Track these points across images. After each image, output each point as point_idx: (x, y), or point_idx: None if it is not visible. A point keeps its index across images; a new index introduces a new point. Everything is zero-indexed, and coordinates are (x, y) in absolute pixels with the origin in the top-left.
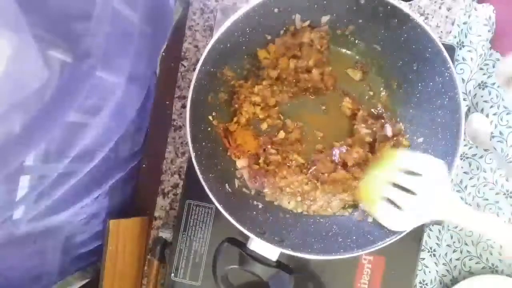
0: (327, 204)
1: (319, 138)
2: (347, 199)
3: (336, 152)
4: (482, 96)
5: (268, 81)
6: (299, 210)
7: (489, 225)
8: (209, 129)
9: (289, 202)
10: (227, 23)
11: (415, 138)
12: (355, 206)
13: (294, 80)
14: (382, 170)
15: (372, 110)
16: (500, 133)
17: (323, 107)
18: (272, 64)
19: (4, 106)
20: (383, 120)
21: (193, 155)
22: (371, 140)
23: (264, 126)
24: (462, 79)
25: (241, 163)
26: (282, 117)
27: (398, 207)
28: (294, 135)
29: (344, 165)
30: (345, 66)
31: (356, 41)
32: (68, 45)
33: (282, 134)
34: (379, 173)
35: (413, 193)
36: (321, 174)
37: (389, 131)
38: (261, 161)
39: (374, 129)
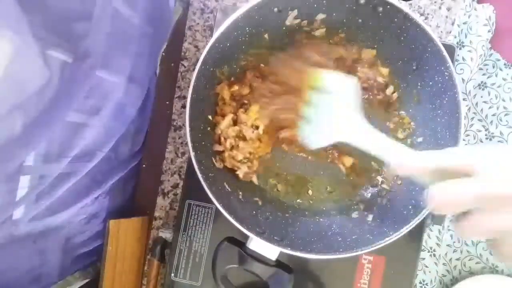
0: None
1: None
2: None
3: None
4: (482, 97)
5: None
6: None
7: (384, 146)
8: (209, 129)
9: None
10: (227, 22)
11: (414, 138)
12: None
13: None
14: (298, 92)
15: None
16: (501, 133)
17: None
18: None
19: (5, 106)
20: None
21: (193, 155)
22: None
23: None
24: (462, 79)
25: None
26: None
27: (313, 124)
28: None
29: None
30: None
31: (355, 41)
32: (68, 45)
33: None
34: (299, 94)
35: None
36: None
37: None
38: None
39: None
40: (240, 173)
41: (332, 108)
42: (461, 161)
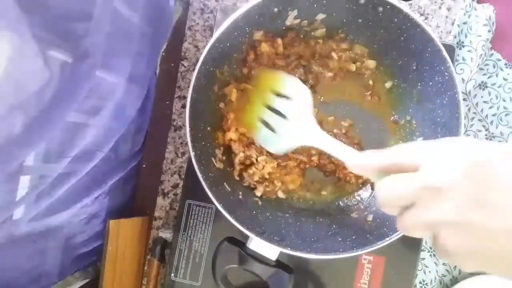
0: None
1: None
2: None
3: None
4: (482, 97)
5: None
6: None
7: (336, 149)
8: (209, 129)
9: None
10: (227, 22)
11: (414, 137)
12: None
13: None
14: (260, 93)
15: None
16: (501, 133)
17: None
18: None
19: (5, 106)
20: None
21: (193, 155)
22: None
23: None
24: (462, 79)
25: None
26: None
27: (275, 131)
28: None
29: None
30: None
31: (355, 41)
32: (68, 45)
33: None
34: (257, 96)
35: (285, 117)
36: None
37: None
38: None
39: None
40: (257, 192)
41: (293, 114)
42: (405, 157)
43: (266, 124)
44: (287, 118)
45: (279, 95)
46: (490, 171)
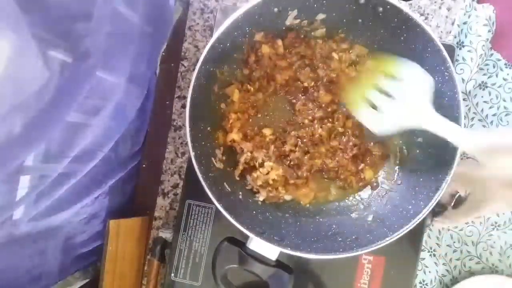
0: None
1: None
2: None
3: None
4: (482, 97)
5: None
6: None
7: (455, 133)
8: (209, 129)
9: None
10: (227, 22)
11: (414, 137)
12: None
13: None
14: (368, 75)
15: None
16: None
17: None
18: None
19: (5, 106)
20: None
21: (192, 155)
22: None
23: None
24: (462, 79)
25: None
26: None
27: (379, 110)
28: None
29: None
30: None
31: (355, 41)
32: (68, 45)
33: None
34: (365, 77)
35: (393, 97)
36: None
37: None
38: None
39: None
40: (260, 197)
41: (405, 95)
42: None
43: (372, 104)
44: (396, 99)
45: (390, 76)
46: None
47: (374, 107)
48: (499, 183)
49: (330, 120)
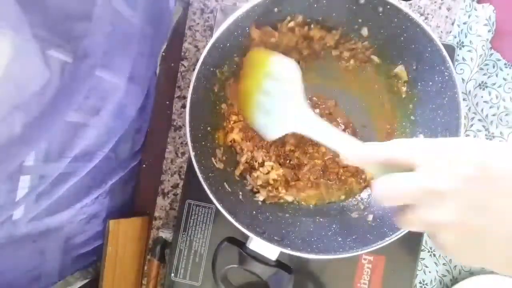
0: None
1: None
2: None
3: None
4: (482, 97)
5: None
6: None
7: (329, 135)
8: (209, 129)
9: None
10: (227, 22)
11: (414, 137)
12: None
13: None
14: (254, 77)
15: None
16: (501, 133)
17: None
18: None
19: (5, 106)
20: None
21: (192, 155)
22: None
23: None
24: (462, 79)
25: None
26: None
27: (268, 114)
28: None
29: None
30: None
31: (355, 40)
32: (68, 45)
33: None
34: (252, 80)
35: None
36: None
37: None
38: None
39: None
40: (260, 197)
41: (283, 96)
42: (405, 153)
43: (262, 109)
44: (280, 101)
45: (272, 77)
46: (492, 175)
47: (264, 111)
48: None
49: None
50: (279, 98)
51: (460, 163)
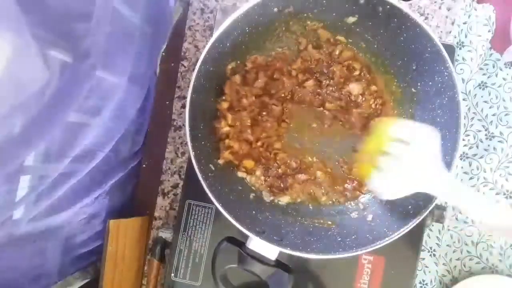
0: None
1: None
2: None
3: None
4: (482, 96)
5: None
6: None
7: (472, 202)
8: (209, 129)
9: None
10: (227, 22)
11: None
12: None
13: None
14: (375, 141)
15: None
16: (501, 133)
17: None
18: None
19: (5, 106)
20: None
21: (192, 155)
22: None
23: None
24: (462, 79)
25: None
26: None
27: (389, 176)
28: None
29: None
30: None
31: (355, 40)
32: (68, 45)
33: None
34: (372, 144)
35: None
36: None
37: None
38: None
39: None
40: (284, 199)
41: (411, 159)
42: None
43: (382, 170)
44: (404, 163)
45: (395, 139)
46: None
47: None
48: None
49: None
50: (406, 160)
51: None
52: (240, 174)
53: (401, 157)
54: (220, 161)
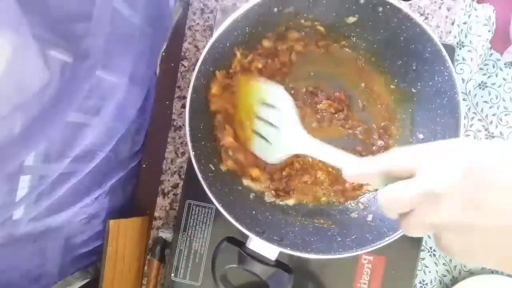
0: None
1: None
2: None
3: None
4: (482, 96)
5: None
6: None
7: (330, 154)
8: (209, 129)
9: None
10: (227, 22)
11: (414, 137)
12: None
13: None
14: (247, 104)
15: None
16: (501, 133)
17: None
18: None
19: (5, 106)
20: None
21: (192, 155)
22: None
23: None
24: (462, 79)
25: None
26: None
27: (268, 140)
28: None
29: None
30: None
31: (355, 40)
32: (68, 45)
33: None
34: (245, 107)
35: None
36: None
37: None
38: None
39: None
40: (290, 202)
41: (279, 122)
42: (404, 162)
43: (260, 135)
44: (277, 127)
45: (266, 104)
46: (485, 173)
47: (262, 137)
48: None
49: None
50: (278, 124)
51: (453, 164)
52: (246, 182)
53: (275, 122)
54: (223, 168)
